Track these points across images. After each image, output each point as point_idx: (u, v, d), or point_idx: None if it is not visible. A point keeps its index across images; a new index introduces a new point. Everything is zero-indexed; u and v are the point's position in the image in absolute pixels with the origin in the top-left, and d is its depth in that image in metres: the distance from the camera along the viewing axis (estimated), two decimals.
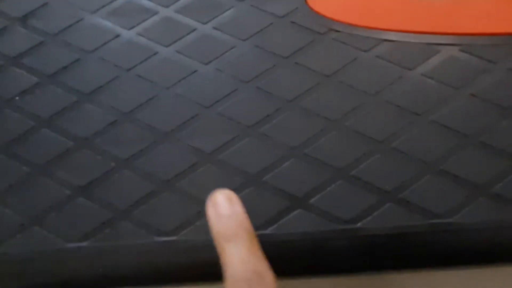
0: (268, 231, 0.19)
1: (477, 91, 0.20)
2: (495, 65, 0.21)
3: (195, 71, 0.21)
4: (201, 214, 0.18)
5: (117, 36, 0.22)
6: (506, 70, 0.20)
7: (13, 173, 0.20)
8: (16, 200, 0.20)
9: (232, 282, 0.17)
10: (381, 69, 0.21)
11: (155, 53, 0.21)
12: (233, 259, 0.17)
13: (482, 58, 0.21)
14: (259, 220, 0.19)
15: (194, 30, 0.22)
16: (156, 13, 0.23)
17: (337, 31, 0.21)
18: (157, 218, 0.19)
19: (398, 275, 0.19)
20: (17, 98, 0.21)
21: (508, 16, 0.21)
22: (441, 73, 0.21)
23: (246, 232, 0.17)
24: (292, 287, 0.19)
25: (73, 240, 0.19)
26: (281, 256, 0.19)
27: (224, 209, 0.18)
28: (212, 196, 0.18)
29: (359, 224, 0.18)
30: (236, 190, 0.19)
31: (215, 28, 0.22)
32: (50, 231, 0.19)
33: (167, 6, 0.23)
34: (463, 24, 0.21)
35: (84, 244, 0.19)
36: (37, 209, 0.19)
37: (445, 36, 0.21)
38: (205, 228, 0.18)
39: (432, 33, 0.21)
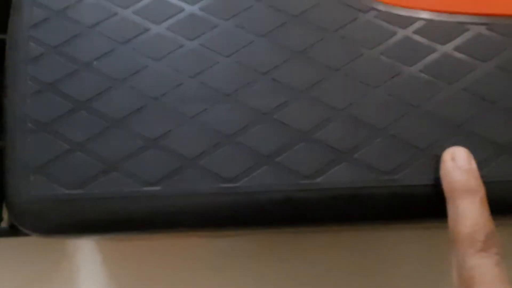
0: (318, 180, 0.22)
1: (501, 63, 0.23)
2: None
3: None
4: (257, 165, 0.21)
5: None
6: None
7: (93, 126, 0.23)
8: (96, 148, 0.23)
9: (459, 238, 0.17)
10: (416, 43, 0.24)
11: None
12: (466, 215, 0.17)
13: (505, 35, 0.24)
14: (310, 171, 0.22)
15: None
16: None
17: (378, 10, 0.24)
18: (220, 166, 0.22)
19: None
20: (95, 63, 0.24)
21: None
22: (469, 48, 0.23)
23: (482, 191, 0.18)
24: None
25: (147, 184, 0.22)
26: (327, 203, 0.22)
27: (464, 164, 0.18)
28: (451, 150, 0.19)
29: (397, 176, 0.21)
30: (290, 144, 0.22)
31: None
32: (127, 175, 0.22)
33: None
34: (491, 6, 0.24)
35: (157, 188, 0.22)
36: (115, 157, 0.22)
37: (474, 16, 0.24)
38: (261, 177, 0.21)
39: (462, 13, 0.24)
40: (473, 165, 0.19)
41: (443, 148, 0.21)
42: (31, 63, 0.24)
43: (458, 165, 0.19)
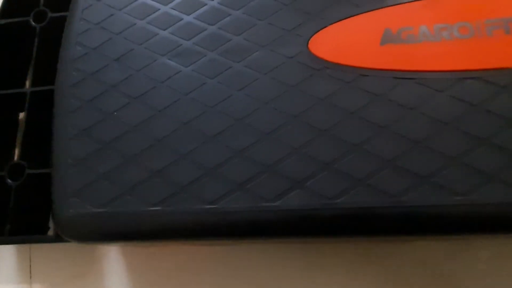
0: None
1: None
2: None
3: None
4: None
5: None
6: None
7: (113, 161, 0.31)
8: (115, 178, 0.31)
9: None
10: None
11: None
12: None
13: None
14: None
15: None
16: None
17: (329, 68, 0.31)
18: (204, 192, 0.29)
19: None
20: (115, 113, 0.32)
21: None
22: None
23: None
24: None
25: (150, 205, 0.30)
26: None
27: None
28: None
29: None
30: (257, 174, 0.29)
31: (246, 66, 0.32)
32: (137, 198, 0.30)
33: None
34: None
35: (158, 208, 0.30)
36: (128, 184, 0.30)
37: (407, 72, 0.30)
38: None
39: (399, 70, 0.30)
40: None
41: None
42: (71, 113, 0.33)
43: None
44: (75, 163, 0.31)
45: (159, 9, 0.34)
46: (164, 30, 0.34)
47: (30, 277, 0.41)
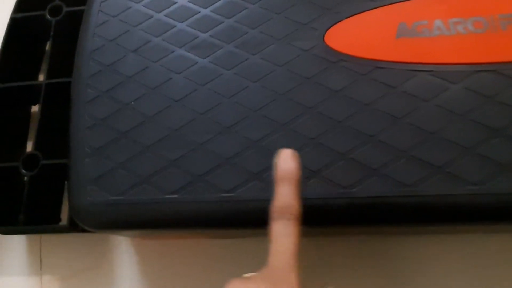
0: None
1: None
2: None
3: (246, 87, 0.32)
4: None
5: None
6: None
7: (130, 150, 0.31)
8: (132, 167, 0.31)
9: (273, 210, 0.24)
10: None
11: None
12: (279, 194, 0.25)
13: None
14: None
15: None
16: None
17: (344, 60, 0.31)
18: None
19: None
20: (132, 103, 0.33)
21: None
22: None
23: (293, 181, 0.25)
24: None
25: (168, 193, 0.30)
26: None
27: (287, 161, 0.25)
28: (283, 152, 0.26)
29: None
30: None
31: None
32: (153, 187, 0.30)
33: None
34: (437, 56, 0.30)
35: (175, 196, 0.30)
36: (145, 173, 0.31)
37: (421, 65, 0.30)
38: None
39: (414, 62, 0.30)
40: (293, 164, 0.25)
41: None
42: (88, 104, 0.33)
43: (283, 161, 0.26)
44: (92, 152, 0.32)
45: (176, 2, 0.35)
46: (182, 22, 0.34)
47: (41, 268, 0.41)
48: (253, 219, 0.29)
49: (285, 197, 0.25)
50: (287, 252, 0.23)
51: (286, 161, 0.26)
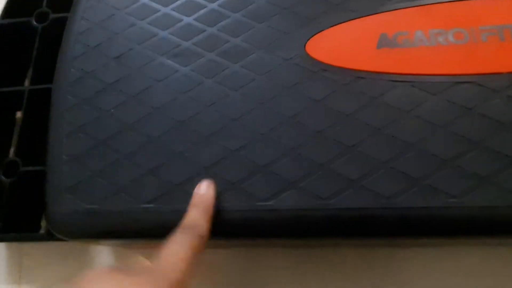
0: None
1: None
2: None
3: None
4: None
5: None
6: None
7: (107, 159, 0.31)
8: (108, 175, 0.31)
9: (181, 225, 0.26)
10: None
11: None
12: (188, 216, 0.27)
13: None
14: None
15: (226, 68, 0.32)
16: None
17: (325, 70, 0.31)
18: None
19: None
20: (112, 111, 0.32)
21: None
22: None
23: (204, 208, 0.27)
24: None
25: (144, 203, 0.30)
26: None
27: (203, 190, 0.28)
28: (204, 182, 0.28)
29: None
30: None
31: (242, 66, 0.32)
32: (129, 196, 0.30)
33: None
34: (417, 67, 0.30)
35: (151, 205, 0.29)
36: (122, 182, 0.30)
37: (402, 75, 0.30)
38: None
39: (395, 73, 0.30)
40: (209, 192, 0.28)
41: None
42: (67, 111, 0.33)
43: (200, 189, 0.28)
44: (70, 160, 0.31)
45: (159, 10, 0.35)
46: (164, 30, 0.34)
47: (20, 277, 0.40)
48: (231, 229, 0.29)
49: (193, 218, 0.27)
50: (177, 256, 0.24)
51: (202, 189, 0.28)
